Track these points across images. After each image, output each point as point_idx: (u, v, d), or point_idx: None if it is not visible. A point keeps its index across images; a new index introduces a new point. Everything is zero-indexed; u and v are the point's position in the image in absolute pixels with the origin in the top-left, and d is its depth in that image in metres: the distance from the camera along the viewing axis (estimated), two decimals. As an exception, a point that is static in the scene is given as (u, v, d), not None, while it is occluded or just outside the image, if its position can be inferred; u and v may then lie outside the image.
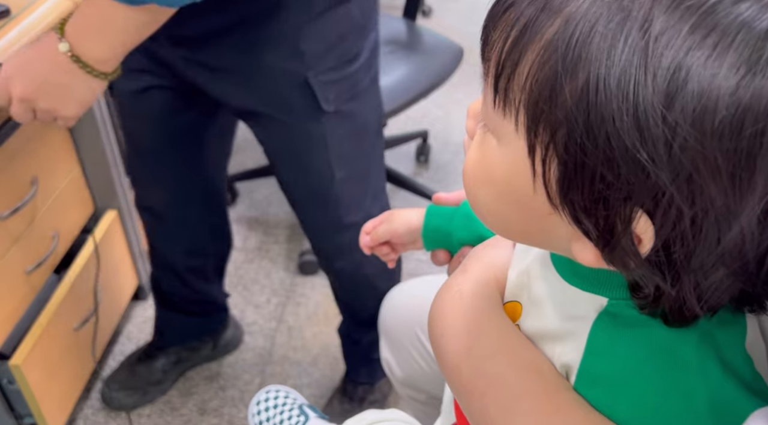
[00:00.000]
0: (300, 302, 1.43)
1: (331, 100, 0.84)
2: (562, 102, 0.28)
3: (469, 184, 0.37)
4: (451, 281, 0.46)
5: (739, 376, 0.33)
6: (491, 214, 0.37)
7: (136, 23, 0.66)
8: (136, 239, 1.28)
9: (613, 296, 0.36)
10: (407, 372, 0.76)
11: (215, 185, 1.08)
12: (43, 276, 1.03)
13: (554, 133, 0.29)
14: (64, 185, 1.07)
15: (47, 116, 0.73)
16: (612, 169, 0.28)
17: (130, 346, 1.32)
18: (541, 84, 0.29)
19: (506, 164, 0.33)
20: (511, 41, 0.30)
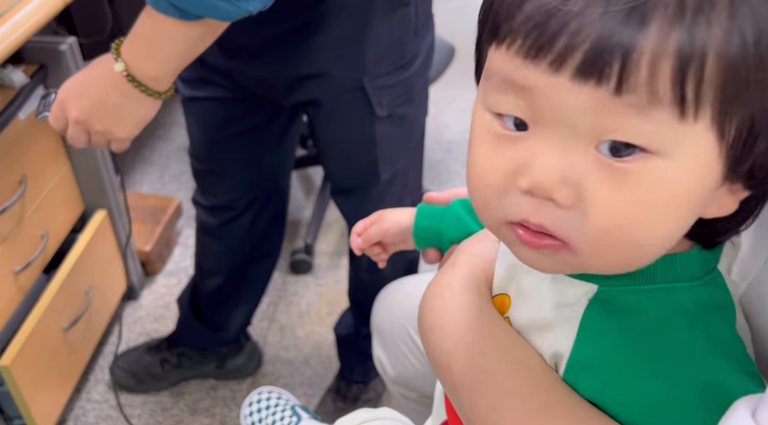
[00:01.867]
0: (292, 302, 1.43)
1: (384, 105, 0.85)
2: (753, 83, 0.28)
3: (629, 229, 0.31)
4: (440, 276, 0.46)
5: (730, 356, 0.34)
6: (661, 241, 0.32)
7: (190, 39, 0.66)
8: (126, 239, 1.28)
9: (604, 283, 0.36)
10: (399, 370, 0.76)
11: (279, 187, 1.08)
12: (32, 276, 1.03)
13: (752, 111, 0.29)
14: (53, 184, 1.07)
15: (102, 138, 0.74)
16: None
17: (121, 346, 1.31)
18: (738, 58, 0.28)
19: (691, 174, 0.30)
20: (687, 38, 0.27)
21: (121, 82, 0.69)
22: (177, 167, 1.77)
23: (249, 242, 1.10)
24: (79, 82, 0.72)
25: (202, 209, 1.08)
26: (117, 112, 0.71)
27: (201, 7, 0.62)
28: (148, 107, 0.72)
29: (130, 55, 0.68)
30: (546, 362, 0.38)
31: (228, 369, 1.25)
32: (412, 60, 0.85)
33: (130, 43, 0.68)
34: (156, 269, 1.45)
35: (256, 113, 0.93)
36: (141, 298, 1.41)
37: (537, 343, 0.39)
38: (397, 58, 0.83)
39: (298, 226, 1.60)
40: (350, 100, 0.84)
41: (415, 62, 0.85)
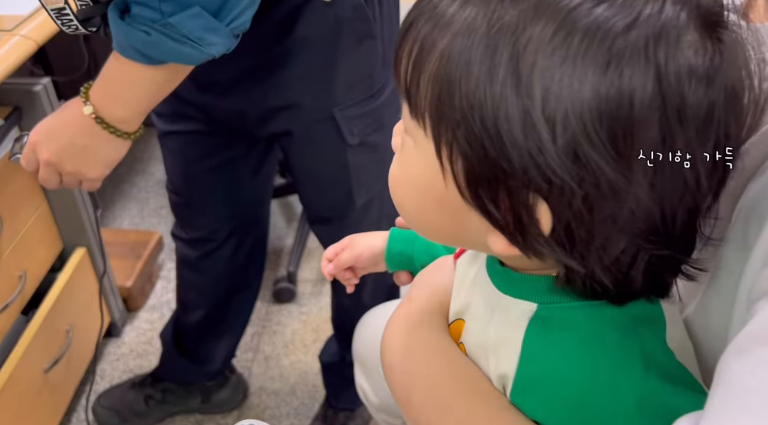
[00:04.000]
0: (276, 331, 1.42)
1: (355, 134, 0.87)
2: (457, 104, 0.32)
3: (394, 189, 0.40)
4: (397, 312, 0.47)
5: (661, 369, 0.35)
6: (415, 216, 0.39)
7: (156, 82, 0.68)
8: (107, 276, 1.27)
9: (542, 301, 0.37)
10: (382, 397, 0.76)
11: (259, 217, 1.08)
12: (10, 318, 1.01)
13: (455, 132, 0.33)
14: (31, 224, 1.06)
15: (73, 179, 0.75)
16: (508, 160, 0.31)
17: (104, 385, 1.29)
18: (438, 90, 0.33)
19: (422, 164, 0.36)
20: (414, 56, 0.34)
21: (91, 125, 0.70)
22: (156, 200, 1.77)
23: (230, 274, 1.10)
24: (49, 125, 0.73)
25: (181, 243, 1.08)
26: (87, 153, 0.72)
27: (166, 53, 0.63)
28: (118, 147, 0.73)
29: (99, 98, 0.69)
30: (496, 389, 0.39)
31: (213, 403, 1.24)
32: (382, 89, 0.87)
33: (98, 87, 0.70)
34: (138, 304, 1.44)
35: (233, 145, 0.94)
36: (123, 335, 1.39)
37: (485, 367, 0.40)
38: (366, 88, 0.84)
39: (280, 254, 1.60)
40: (321, 130, 0.85)
41: (385, 91, 0.87)
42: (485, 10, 0.31)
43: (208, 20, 0.61)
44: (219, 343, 1.18)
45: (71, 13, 0.67)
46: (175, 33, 0.61)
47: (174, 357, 1.19)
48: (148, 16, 0.61)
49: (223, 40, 0.64)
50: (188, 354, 1.18)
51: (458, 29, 0.32)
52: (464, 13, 0.32)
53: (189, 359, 1.18)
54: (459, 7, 0.32)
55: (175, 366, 1.20)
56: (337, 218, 0.96)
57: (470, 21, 0.31)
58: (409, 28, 0.35)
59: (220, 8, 0.62)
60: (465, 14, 0.32)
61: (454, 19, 0.32)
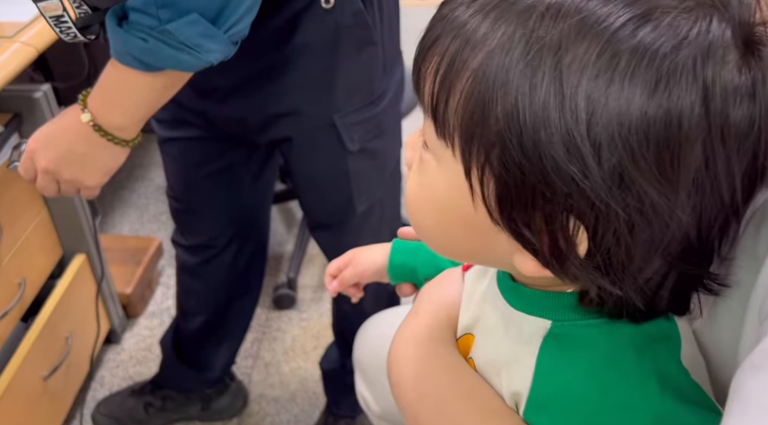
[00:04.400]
0: (276, 338, 1.42)
1: (356, 140, 0.86)
2: (493, 124, 0.31)
3: (412, 207, 0.38)
4: (404, 326, 0.46)
5: (677, 389, 0.34)
6: (435, 234, 0.38)
7: (154, 89, 0.68)
8: (106, 282, 1.26)
9: (557, 318, 0.37)
10: (383, 406, 0.75)
11: (259, 223, 1.08)
12: (10, 325, 1.01)
13: (488, 153, 0.31)
14: (30, 231, 1.06)
15: (71, 186, 0.75)
16: (548, 184, 0.30)
17: (103, 392, 1.29)
18: (471, 110, 0.31)
19: (447, 185, 0.35)
20: (441, 73, 0.33)
21: (88, 133, 0.70)
22: (156, 207, 1.77)
23: (230, 280, 1.09)
24: (47, 132, 0.73)
25: (181, 249, 1.08)
26: (85, 161, 0.72)
27: (163, 60, 0.63)
28: (116, 155, 0.73)
29: (97, 106, 0.69)
30: (508, 406, 0.39)
31: (213, 410, 1.24)
32: (382, 96, 0.86)
33: (96, 94, 0.69)
34: (138, 311, 1.44)
35: (233, 152, 0.94)
36: (123, 341, 1.39)
37: (497, 383, 0.40)
38: (366, 95, 0.84)
39: (280, 260, 1.60)
40: (322, 136, 0.85)
41: (385, 98, 0.87)
42: (522, 29, 0.30)
43: (206, 27, 0.61)
44: (219, 350, 1.18)
45: (70, 21, 0.67)
46: (172, 40, 0.61)
47: (174, 363, 1.18)
48: (145, 23, 0.61)
49: (221, 47, 0.64)
50: (188, 360, 1.17)
51: (493, 47, 0.31)
52: (498, 31, 0.31)
53: (189, 366, 1.18)
54: (491, 25, 0.31)
55: (175, 373, 1.20)
56: (337, 225, 0.96)
57: (506, 39, 0.30)
58: (432, 44, 0.33)
59: (218, 15, 0.62)
60: (500, 32, 0.31)
61: (487, 37, 0.31)
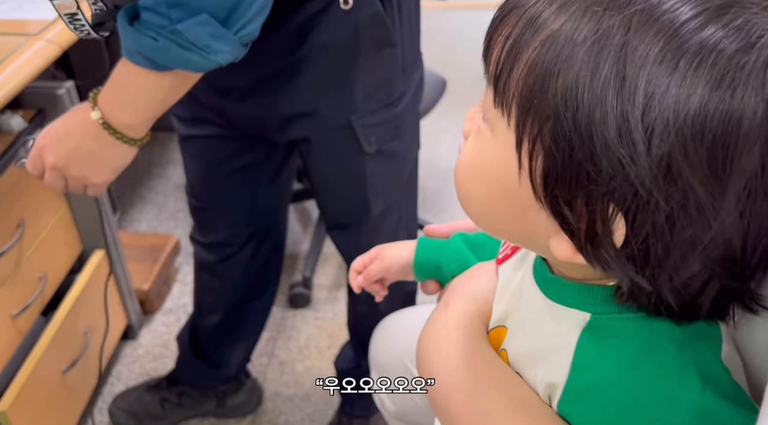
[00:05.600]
0: (291, 336, 1.42)
1: (373, 142, 0.86)
2: (551, 97, 0.31)
3: (460, 176, 0.39)
4: (434, 317, 0.46)
5: (718, 386, 0.34)
6: (478, 205, 0.38)
7: (163, 88, 0.68)
8: (124, 279, 1.28)
9: (596, 311, 0.37)
10: (399, 405, 0.75)
11: (277, 222, 1.08)
12: (30, 319, 1.02)
13: (542, 126, 0.31)
14: (51, 226, 1.07)
15: (78, 183, 0.75)
16: (595, 164, 0.30)
17: (120, 387, 1.30)
18: (532, 81, 0.32)
19: (497, 155, 0.35)
20: (509, 44, 0.33)
21: (98, 130, 0.70)
22: (174, 204, 1.78)
23: (247, 279, 1.10)
24: (56, 129, 0.74)
25: (199, 247, 1.08)
26: (93, 158, 0.72)
27: (172, 60, 0.63)
28: (124, 153, 0.73)
29: (107, 104, 0.70)
30: (541, 399, 0.38)
31: (228, 407, 1.24)
32: (401, 97, 0.86)
33: (106, 93, 0.70)
34: (155, 307, 1.45)
35: (252, 150, 0.94)
36: (140, 337, 1.40)
37: (531, 375, 0.40)
38: (385, 97, 0.84)
39: (296, 260, 1.61)
40: (338, 138, 0.85)
41: (404, 99, 0.87)
42: (595, 8, 0.31)
43: (216, 28, 0.61)
44: (235, 347, 1.18)
45: (84, 18, 0.68)
46: (181, 40, 0.61)
47: (190, 360, 1.19)
48: (156, 22, 0.61)
49: (231, 49, 0.64)
50: (204, 357, 1.18)
51: (563, 22, 0.31)
52: (571, 7, 0.31)
53: (205, 362, 1.18)
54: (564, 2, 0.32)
55: (191, 370, 1.21)
56: (354, 225, 0.96)
57: (577, 16, 0.31)
58: (508, 14, 0.34)
59: (229, 16, 0.62)
60: (571, 9, 0.31)
61: (559, 12, 0.32)
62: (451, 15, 2.92)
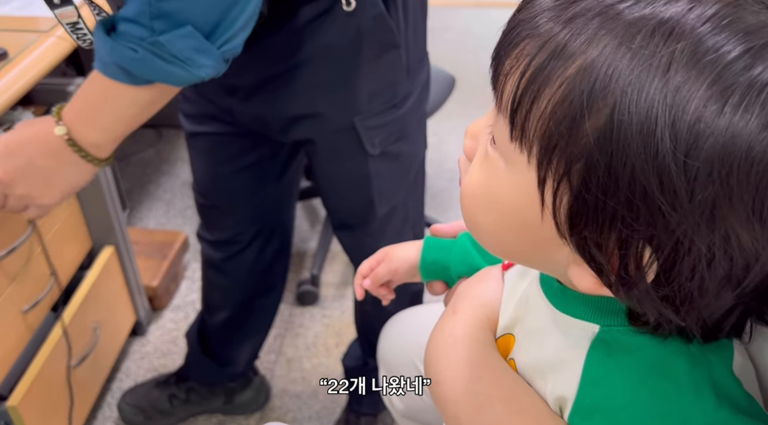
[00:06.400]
0: (299, 334, 1.42)
1: (376, 144, 0.86)
2: (581, 138, 0.29)
3: (470, 204, 0.37)
4: (442, 323, 0.46)
5: (731, 400, 0.33)
6: (491, 236, 0.37)
7: (139, 103, 0.65)
8: (133, 275, 1.28)
9: (605, 323, 0.36)
10: (407, 403, 0.75)
11: (283, 220, 1.08)
12: (40, 315, 1.03)
13: (569, 167, 0.30)
14: (62, 223, 1.08)
15: (20, 203, 0.69)
16: (631, 210, 0.28)
17: (129, 383, 1.30)
18: (558, 120, 0.29)
19: (514, 191, 0.33)
20: (530, 74, 0.30)
21: (60, 147, 0.66)
22: (182, 201, 1.79)
23: (254, 276, 1.10)
24: (7, 141, 0.67)
25: (206, 244, 1.09)
26: (46, 177, 0.67)
27: (153, 72, 0.61)
28: (84, 174, 0.69)
29: (74, 120, 0.65)
30: (551, 410, 0.38)
31: (236, 404, 1.25)
32: (405, 99, 0.85)
33: (74, 108, 0.66)
34: (163, 304, 1.45)
35: (259, 148, 0.94)
36: (148, 333, 1.41)
37: (540, 387, 0.39)
38: (388, 98, 0.83)
39: (304, 257, 1.61)
40: (342, 139, 0.85)
41: (408, 101, 0.86)
42: (629, 44, 0.28)
43: (199, 41, 0.59)
44: (243, 345, 1.19)
45: (85, 27, 0.66)
46: (164, 52, 0.59)
47: (198, 356, 1.19)
48: (137, 34, 0.59)
49: (214, 63, 0.62)
50: (212, 354, 1.19)
51: (593, 58, 0.29)
52: (600, 42, 0.29)
53: (213, 359, 1.19)
54: (592, 35, 0.29)
55: (200, 366, 1.21)
56: (359, 226, 0.96)
57: (609, 52, 0.28)
58: (520, 42, 0.31)
59: (213, 30, 0.60)
60: (601, 44, 0.29)
61: (587, 46, 0.29)
62: (458, 13, 2.91)
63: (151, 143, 1.99)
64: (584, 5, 0.30)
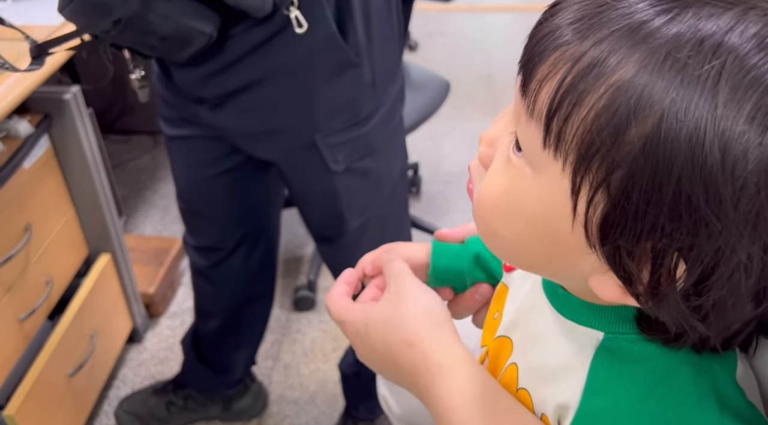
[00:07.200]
0: (296, 339, 1.42)
1: (340, 161, 0.85)
2: (625, 144, 0.29)
3: (489, 212, 0.36)
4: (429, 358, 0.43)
5: (734, 409, 0.33)
6: (510, 244, 0.36)
7: None
8: (130, 282, 1.28)
9: (609, 330, 0.36)
10: (405, 408, 0.75)
11: (267, 226, 1.07)
12: (37, 323, 1.03)
13: (609, 175, 0.29)
14: (58, 230, 1.08)
15: None
16: (673, 219, 0.28)
17: (126, 390, 1.30)
18: (602, 125, 0.29)
19: (541, 199, 0.33)
20: (570, 80, 0.30)
21: None
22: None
23: (241, 284, 1.10)
24: None
25: (192, 250, 1.08)
26: None
27: None
28: None
29: None
30: (552, 412, 0.38)
31: (234, 411, 1.25)
32: (370, 116, 0.84)
33: None
34: (160, 311, 1.45)
35: (237, 153, 0.93)
36: (145, 341, 1.40)
37: (541, 394, 0.39)
38: (351, 116, 0.83)
39: (300, 263, 1.61)
40: (304, 156, 0.85)
41: (374, 117, 0.85)
42: (676, 54, 0.28)
43: None
44: (237, 352, 1.18)
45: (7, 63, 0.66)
46: None
47: (194, 364, 1.19)
48: None
49: None
50: (207, 362, 1.18)
51: (640, 66, 0.29)
52: (644, 51, 0.29)
53: (208, 367, 1.19)
54: (635, 44, 0.29)
55: (196, 374, 1.21)
56: (332, 239, 0.95)
57: (655, 61, 0.28)
58: (561, 46, 0.31)
59: None
60: (646, 53, 0.29)
61: (631, 53, 0.29)
62: (453, 17, 2.93)
63: (146, 150, 1.99)
64: (616, 13, 0.30)
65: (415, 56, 2.57)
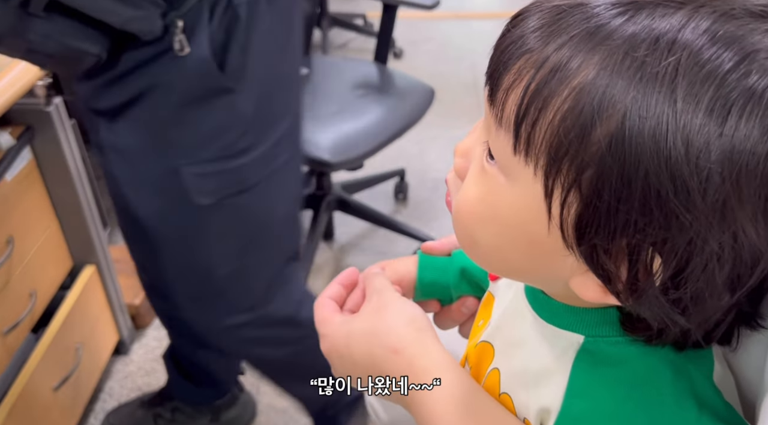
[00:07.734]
0: (284, 348, 1.42)
1: (207, 193, 0.81)
2: (592, 144, 0.29)
3: (467, 221, 0.36)
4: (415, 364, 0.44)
5: (712, 409, 0.34)
6: (489, 252, 0.37)
7: None
8: (115, 293, 1.27)
9: (590, 334, 0.37)
10: (392, 415, 0.75)
11: None
12: (20, 336, 1.02)
13: (579, 175, 0.30)
14: (41, 242, 1.07)
15: None
16: (644, 214, 0.29)
17: (112, 403, 1.29)
18: (567, 129, 0.30)
19: (516, 204, 0.33)
20: (534, 86, 0.31)
21: None
22: (165, 217, 1.77)
23: None
24: None
25: None
26: None
27: None
28: None
29: None
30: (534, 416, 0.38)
31: (223, 422, 1.23)
32: (247, 150, 0.80)
33: None
34: (146, 322, 1.44)
35: None
36: (131, 352, 1.39)
37: (523, 398, 0.39)
38: (222, 147, 0.79)
39: (288, 271, 1.60)
40: (167, 184, 0.81)
41: (252, 152, 0.81)
42: (633, 54, 0.29)
43: None
44: (216, 365, 1.16)
45: None
46: None
47: (177, 379, 1.18)
48: None
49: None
50: (188, 376, 1.17)
51: (600, 68, 0.30)
52: (603, 53, 0.30)
53: (191, 381, 1.17)
54: (594, 47, 0.30)
55: (180, 388, 1.20)
56: (193, 292, 0.92)
57: (614, 62, 0.29)
58: (524, 54, 0.32)
59: None
60: (605, 54, 0.30)
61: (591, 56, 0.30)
62: (438, 25, 2.95)
63: (131, 160, 1.97)
64: (574, 19, 0.31)
65: (400, 64, 2.58)
